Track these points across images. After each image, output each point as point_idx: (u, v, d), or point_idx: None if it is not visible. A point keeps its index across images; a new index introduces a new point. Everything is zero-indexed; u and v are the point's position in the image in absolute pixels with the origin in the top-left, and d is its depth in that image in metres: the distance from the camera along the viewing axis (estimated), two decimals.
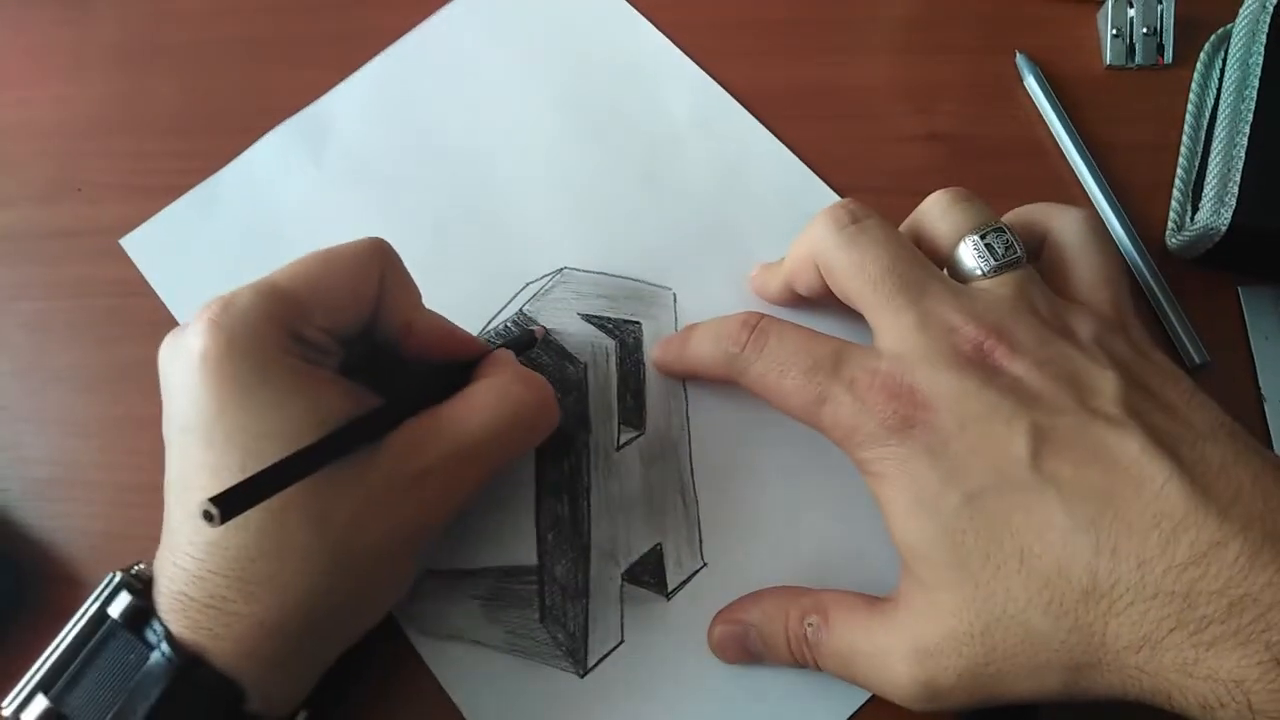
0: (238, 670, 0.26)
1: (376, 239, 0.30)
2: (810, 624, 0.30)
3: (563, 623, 0.33)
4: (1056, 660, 0.25)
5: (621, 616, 0.33)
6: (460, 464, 0.29)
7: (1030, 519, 0.26)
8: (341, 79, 0.41)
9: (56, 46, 0.42)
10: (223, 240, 0.38)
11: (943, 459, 0.27)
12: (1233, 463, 0.25)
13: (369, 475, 0.27)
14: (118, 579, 0.28)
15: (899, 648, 0.27)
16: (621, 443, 0.35)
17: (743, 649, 0.31)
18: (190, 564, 0.26)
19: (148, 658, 0.26)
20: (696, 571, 0.33)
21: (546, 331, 0.36)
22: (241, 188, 0.39)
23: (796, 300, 0.35)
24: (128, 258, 0.38)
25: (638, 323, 0.36)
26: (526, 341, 0.35)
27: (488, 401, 0.29)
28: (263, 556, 0.26)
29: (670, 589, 0.33)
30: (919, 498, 0.27)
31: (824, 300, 0.33)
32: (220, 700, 0.26)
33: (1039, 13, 0.42)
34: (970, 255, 0.30)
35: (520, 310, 0.36)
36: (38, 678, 0.26)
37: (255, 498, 0.23)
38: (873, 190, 0.38)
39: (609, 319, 0.36)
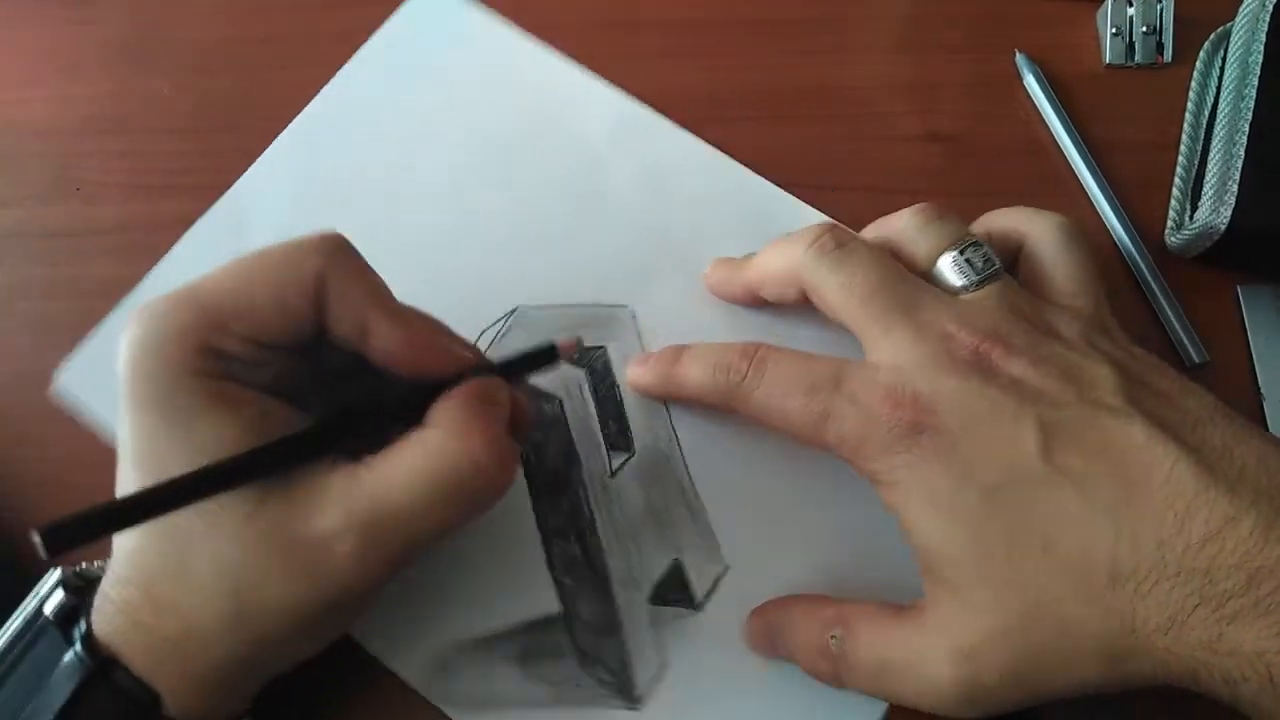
0: (151, 677, 0.25)
1: (324, 234, 0.27)
2: (835, 637, 0.29)
3: (603, 662, 0.32)
4: (1093, 648, 0.26)
5: (659, 639, 0.32)
6: (372, 532, 0.25)
7: (1049, 512, 0.26)
8: None
9: (56, 46, 0.42)
10: None
11: (954, 460, 0.27)
12: (1234, 444, 0.26)
13: (263, 528, 0.25)
14: (56, 575, 0.27)
15: (936, 652, 0.27)
16: (615, 468, 0.34)
17: (772, 649, 0.31)
18: (116, 565, 0.26)
19: (64, 656, 0.25)
20: (720, 575, 0.33)
21: (579, 340, 0.31)
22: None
23: (759, 301, 0.35)
24: (127, 257, 0.38)
25: (602, 347, 0.36)
26: (542, 357, 0.30)
27: (414, 463, 0.25)
28: (166, 580, 0.25)
29: (699, 600, 0.33)
30: (936, 500, 0.27)
31: (793, 306, 0.34)
32: (133, 702, 0.25)
33: (1038, 12, 0.42)
34: (951, 270, 0.31)
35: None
36: None
37: (89, 534, 0.22)
38: (872, 190, 0.38)
39: None
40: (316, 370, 0.28)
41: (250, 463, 0.24)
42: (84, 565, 0.28)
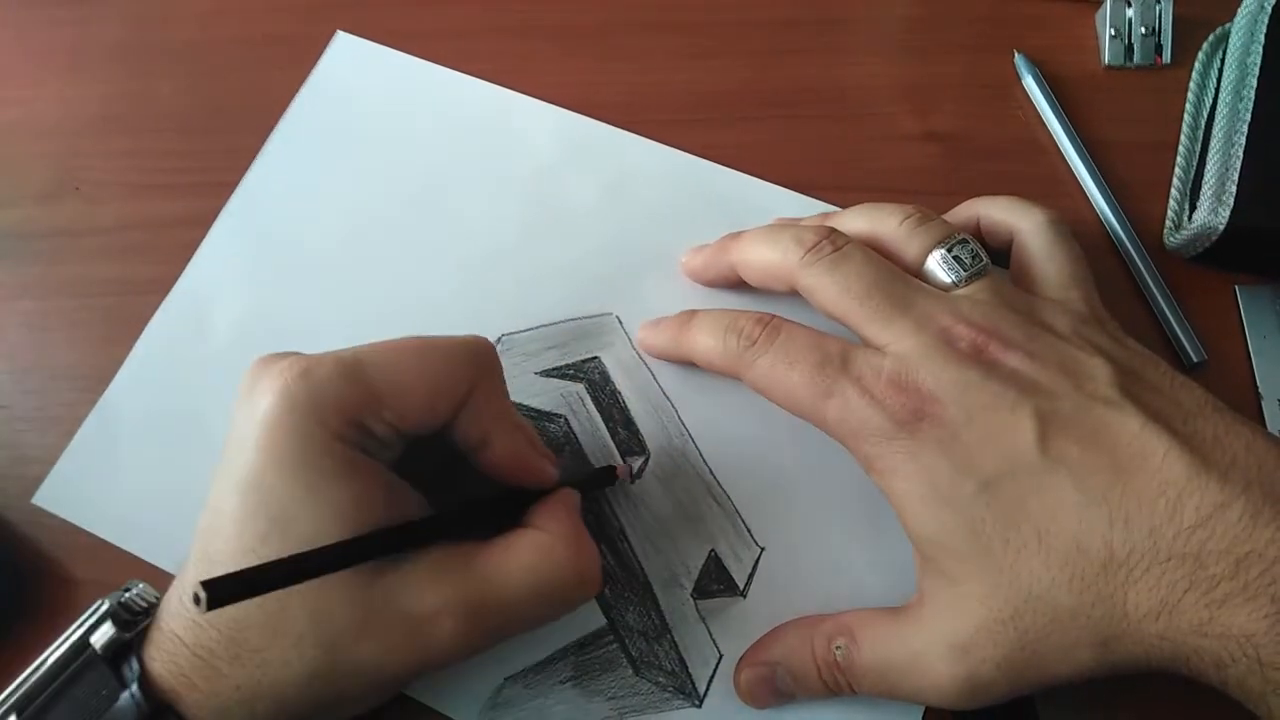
0: None
1: (479, 340, 0.29)
2: (839, 647, 0.29)
3: (658, 665, 0.32)
4: (1085, 636, 0.26)
5: (710, 633, 0.32)
6: (475, 616, 0.27)
7: (1045, 500, 0.27)
8: None
9: (56, 46, 0.42)
10: (140, 456, 0.35)
11: (954, 449, 0.28)
12: (1224, 434, 0.27)
13: (375, 595, 0.26)
14: (105, 607, 0.27)
15: (934, 648, 0.28)
16: (634, 473, 0.34)
17: (772, 691, 0.31)
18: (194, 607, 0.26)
19: (119, 696, 0.25)
20: (758, 559, 0.33)
21: (631, 470, 0.34)
22: (136, 396, 0.36)
23: (739, 282, 0.35)
24: (128, 257, 0.38)
25: (595, 357, 0.36)
26: (603, 479, 0.33)
27: (527, 560, 0.27)
28: (256, 628, 0.25)
29: (742, 586, 0.33)
30: (935, 489, 0.28)
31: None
32: None
33: (1037, 13, 0.42)
34: (940, 268, 0.31)
35: None
36: (14, 699, 0.26)
37: (250, 591, 0.22)
38: (871, 190, 0.38)
39: (567, 365, 0.36)
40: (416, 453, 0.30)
41: (391, 537, 0.26)
42: (127, 596, 0.27)
